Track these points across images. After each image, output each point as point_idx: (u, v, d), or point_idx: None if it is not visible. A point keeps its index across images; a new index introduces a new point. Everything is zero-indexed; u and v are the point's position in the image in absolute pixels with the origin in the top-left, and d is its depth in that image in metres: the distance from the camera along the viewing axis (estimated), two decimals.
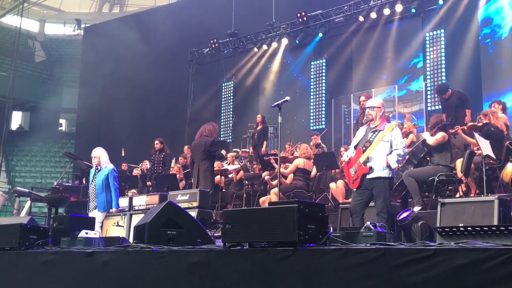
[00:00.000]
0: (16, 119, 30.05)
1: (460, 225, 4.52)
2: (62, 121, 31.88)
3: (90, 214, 8.78)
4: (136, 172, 14.80)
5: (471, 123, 9.67)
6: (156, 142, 13.20)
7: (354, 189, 6.74)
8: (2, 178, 25.22)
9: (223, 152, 11.06)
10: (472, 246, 3.19)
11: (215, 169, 10.86)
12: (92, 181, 9.00)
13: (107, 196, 8.82)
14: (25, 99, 27.78)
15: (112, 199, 8.83)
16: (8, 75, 23.08)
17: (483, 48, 14.12)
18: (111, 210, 8.99)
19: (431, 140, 8.32)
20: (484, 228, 3.94)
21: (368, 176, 6.51)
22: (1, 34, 30.86)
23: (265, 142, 14.53)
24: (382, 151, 6.51)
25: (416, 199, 8.23)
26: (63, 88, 29.48)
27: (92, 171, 9.17)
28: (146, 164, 14.72)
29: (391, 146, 6.53)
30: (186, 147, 15.43)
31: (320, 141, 13.09)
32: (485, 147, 8.14)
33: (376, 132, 6.64)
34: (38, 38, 33.58)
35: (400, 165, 7.70)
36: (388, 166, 6.46)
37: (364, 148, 6.61)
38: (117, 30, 22.37)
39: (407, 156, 9.23)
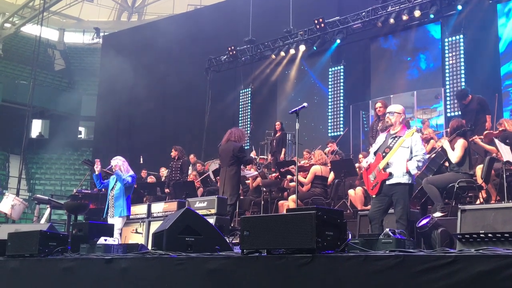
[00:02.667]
0: (36, 127, 30.37)
1: (480, 231, 4.47)
2: (81, 129, 32.16)
3: (109, 221, 8.83)
4: (150, 179, 14.86)
5: (487, 132, 9.59)
6: (174, 150, 13.21)
7: (373, 196, 6.69)
8: (22, 186, 25.39)
9: (253, 154, 11.13)
10: (493, 253, 3.15)
11: None
12: (112, 188, 9.05)
13: (125, 202, 8.87)
14: (45, 107, 28.08)
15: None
16: (28, 84, 23.32)
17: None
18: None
19: (454, 157, 8.19)
20: (505, 235, 3.90)
21: (387, 182, 6.45)
22: (21, 43, 31.27)
23: (283, 149, 14.50)
24: (402, 157, 6.44)
25: (439, 206, 8.14)
26: (82, 96, 29.75)
27: (112, 178, 9.22)
28: (163, 172, 14.78)
29: (411, 152, 6.47)
30: (192, 155, 15.38)
31: (337, 147, 13.04)
32: (505, 153, 8.05)
33: (396, 138, 6.58)
34: (57, 46, 33.99)
35: (419, 172, 7.62)
36: (408, 172, 6.40)
37: (384, 154, 6.55)
38: (135, 38, 22.57)
39: (427, 163, 9.18)
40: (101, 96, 24.93)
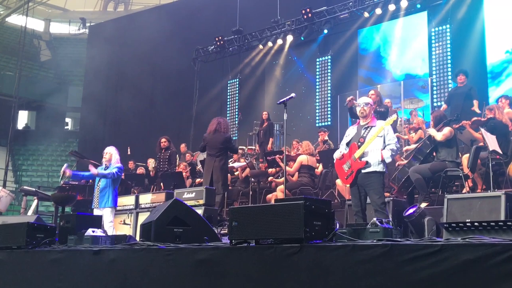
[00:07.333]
0: (22, 119, 30.15)
1: (467, 220, 4.50)
2: (68, 120, 31.96)
3: (95, 212, 8.78)
4: (140, 170, 14.80)
5: (475, 118, 9.67)
6: (163, 140, 13.07)
7: (348, 185, 6.80)
8: (9, 178, 25.21)
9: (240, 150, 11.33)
10: (479, 242, 3.18)
11: None
12: (99, 179, 9.00)
13: (110, 193, 8.83)
14: (31, 98, 27.85)
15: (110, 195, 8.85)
16: (14, 75, 23.17)
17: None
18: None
19: (439, 135, 8.29)
20: (491, 223, 3.93)
21: (363, 171, 6.57)
22: (7, 34, 30.95)
23: (271, 139, 14.50)
24: (377, 146, 6.61)
25: (422, 196, 8.22)
26: (69, 87, 29.54)
27: (100, 168, 9.16)
28: (150, 163, 14.73)
29: (384, 142, 6.61)
30: (183, 145, 15.35)
31: (327, 137, 13.08)
32: (491, 142, 8.12)
33: (368, 128, 6.72)
34: (43, 37, 33.65)
35: (398, 158, 7.70)
36: (383, 160, 6.52)
37: (359, 144, 6.66)
38: (122, 29, 22.40)
39: (414, 152, 9.25)
40: (87, 87, 24.77)
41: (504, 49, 13.82)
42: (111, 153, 9.08)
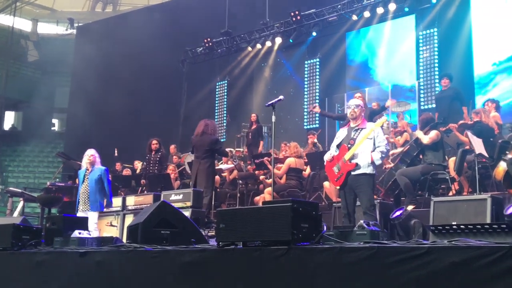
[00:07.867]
0: (9, 119, 29.92)
1: (453, 223, 4.53)
2: (55, 121, 31.76)
3: (80, 215, 8.68)
4: (126, 172, 14.73)
5: (462, 121, 9.73)
6: (155, 141, 12.88)
7: (338, 187, 6.82)
8: None
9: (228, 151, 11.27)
10: (465, 244, 3.20)
11: None
12: (83, 181, 8.90)
13: (100, 196, 8.79)
14: (18, 99, 27.66)
15: (107, 197, 8.85)
16: (1, 75, 23.00)
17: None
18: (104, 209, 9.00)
19: (425, 139, 8.34)
20: (477, 226, 3.96)
21: (353, 173, 6.58)
22: None
23: (261, 142, 14.47)
24: (367, 148, 6.61)
25: (409, 198, 8.26)
26: (56, 87, 29.35)
27: (82, 172, 9.06)
28: (137, 165, 14.65)
29: (374, 144, 6.61)
30: (172, 146, 15.32)
31: (316, 140, 13.10)
32: (477, 145, 8.17)
33: (358, 130, 6.72)
34: (31, 37, 33.39)
35: (386, 161, 7.73)
36: (372, 162, 6.53)
37: (349, 146, 6.66)
38: (110, 29, 22.32)
39: (401, 155, 9.29)
40: (74, 87, 24.63)
41: (491, 61, 13.90)
42: (95, 156, 9.03)
